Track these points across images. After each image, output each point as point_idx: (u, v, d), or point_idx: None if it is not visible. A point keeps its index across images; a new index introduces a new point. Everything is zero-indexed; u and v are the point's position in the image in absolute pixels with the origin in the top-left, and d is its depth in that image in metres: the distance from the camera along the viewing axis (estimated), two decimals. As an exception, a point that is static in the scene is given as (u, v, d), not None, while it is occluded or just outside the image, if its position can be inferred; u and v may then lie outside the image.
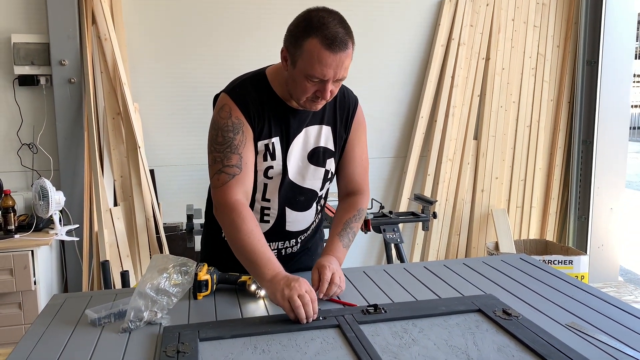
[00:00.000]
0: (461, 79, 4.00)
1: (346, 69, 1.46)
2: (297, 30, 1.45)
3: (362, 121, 1.73)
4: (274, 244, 1.72)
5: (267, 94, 1.57)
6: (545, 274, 1.75)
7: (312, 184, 1.66)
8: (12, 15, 3.27)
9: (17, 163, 3.38)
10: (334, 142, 1.66)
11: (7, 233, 2.92)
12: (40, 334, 1.35)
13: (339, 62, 1.42)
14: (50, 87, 3.33)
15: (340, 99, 1.67)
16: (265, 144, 1.57)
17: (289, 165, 1.61)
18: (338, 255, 1.60)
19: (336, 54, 1.41)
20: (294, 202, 1.66)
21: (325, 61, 1.40)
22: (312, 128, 1.62)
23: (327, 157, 1.65)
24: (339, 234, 1.65)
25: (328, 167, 1.66)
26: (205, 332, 1.29)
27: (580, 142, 4.21)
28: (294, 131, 1.60)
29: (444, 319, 1.37)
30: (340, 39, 1.41)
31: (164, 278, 1.40)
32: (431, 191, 4.06)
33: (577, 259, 3.75)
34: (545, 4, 4.10)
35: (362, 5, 3.82)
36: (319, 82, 1.44)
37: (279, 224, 1.68)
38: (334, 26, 1.41)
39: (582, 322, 1.36)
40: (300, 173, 1.63)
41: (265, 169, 1.59)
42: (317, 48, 1.40)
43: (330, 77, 1.43)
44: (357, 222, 1.69)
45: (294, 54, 1.45)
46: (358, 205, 1.71)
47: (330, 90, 1.47)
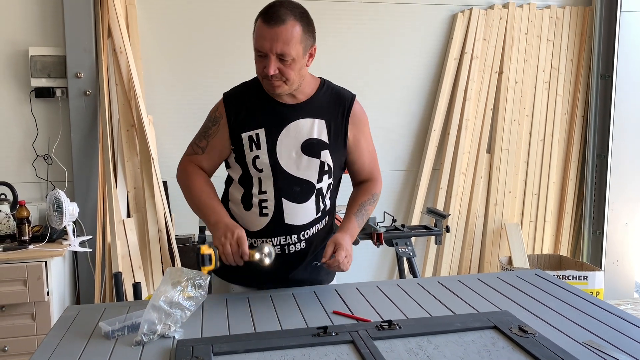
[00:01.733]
0: (474, 92, 3.99)
1: (287, 44, 1.56)
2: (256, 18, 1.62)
3: (362, 116, 1.79)
4: (275, 239, 1.73)
5: (257, 92, 1.72)
6: (561, 290, 1.73)
7: (307, 174, 1.70)
8: (30, 29, 3.32)
9: (32, 174, 3.41)
10: (328, 135, 1.71)
11: (22, 244, 2.94)
12: (55, 345, 1.36)
13: (275, 35, 1.55)
14: (65, 100, 3.37)
15: (335, 96, 1.76)
16: (249, 135, 1.69)
17: (280, 155, 1.68)
18: (353, 233, 1.73)
19: (271, 27, 1.55)
20: (290, 193, 1.71)
21: (262, 34, 1.57)
22: (305, 120, 1.70)
23: (322, 149, 1.71)
24: (355, 213, 1.77)
25: (323, 158, 1.71)
26: (219, 346, 1.29)
27: (595, 156, 4.18)
28: (282, 122, 1.69)
29: (459, 336, 1.36)
30: (278, 15, 1.56)
31: (177, 291, 1.40)
32: (444, 205, 4.04)
33: (592, 274, 3.70)
34: (559, 18, 4.09)
35: (375, 18, 3.84)
36: (263, 57, 1.59)
37: (278, 217, 1.71)
38: (277, 6, 1.58)
39: (600, 341, 1.34)
40: (294, 163, 1.69)
41: (253, 159, 1.69)
42: (259, 24, 1.59)
43: (267, 50, 1.56)
44: (371, 205, 1.81)
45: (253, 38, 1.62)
46: (372, 190, 1.83)
47: (277, 68, 1.57)
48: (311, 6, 3.75)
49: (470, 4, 3.95)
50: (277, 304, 1.62)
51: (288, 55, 1.57)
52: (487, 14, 3.95)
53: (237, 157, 1.72)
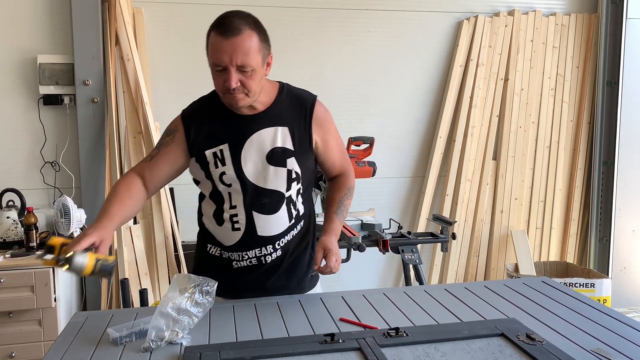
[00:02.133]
0: (480, 99, 3.99)
1: (246, 55, 1.53)
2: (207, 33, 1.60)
3: (325, 115, 1.77)
4: (251, 252, 1.71)
5: (216, 107, 1.70)
6: (569, 298, 1.72)
7: (275, 184, 1.68)
8: (39, 37, 3.35)
9: (40, 181, 3.43)
10: (292, 142, 1.69)
11: (29, 250, 2.96)
12: (63, 351, 1.37)
13: (233, 47, 1.52)
14: (73, 107, 3.39)
15: (295, 100, 1.73)
16: (213, 152, 1.67)
17: (246, 168, 1.66)
18: (337, 232, 1.76)
19: (228, 39, 1.52)
20: (260, 205, 1.68)
21: (219, 47, 1.53)
22: (267, 130, 1.67)
23: (287, 156, 1.68)
24: (336, 211, 1.79)
25: (290, 166, 1.69)
26: (227, 353, 1.29)
27: (601, 163, 4.17)
28: (244, 135, 1.67)
29: (467, 343, 1.36)
30: (233, 26, 1.53)
31: (185, 298, 1.41)
32: (450, 212, 4.03)
33: (599, 282, 3.69)
34: (564, 25, 4.10)
35: (380, 26, 3.85)
36: (222, 71, 1.55)
37: (250, 230, 1.69)
38: (230, 17, 1.55)
39: (608, 349, 1.34)
40: (261, 175, 1.67)
41: (220, 175, 1.67)
42: (213, 37, 1.56)
43: (227, 62, 1.53)
44: (348, 199, 1.84)
45: (207, 53, 1.60)
46: (347, 184, 1.85)
47: (238, 80, 1.55)
48: (317, 14, 3.81)
49: (475, 12, 3.96)
50: (284, 311, 1.62)
51: (248, 66, 1.54)
52: (492, 21, 3.96)
53: (206, 174, 1.70)
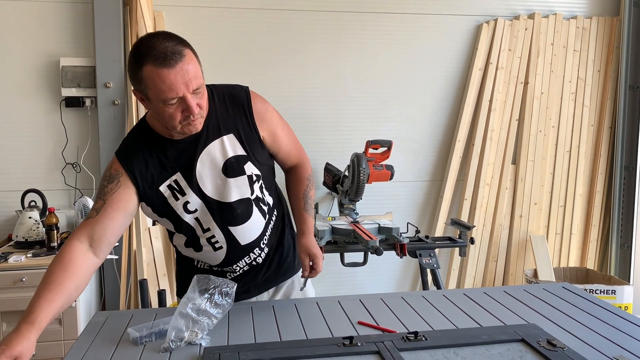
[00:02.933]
0: (499, 103, 3.96)
1: (196, 77, 1.42)
2: (132, 66, 1.41)
3: (265, 108, 1.66)
4: (240, 262, 1.70)
5: (151, 139, 1.57)
6: (590, 304, 1.70)
7: (239, 194, 1.61)
8: (62, 40, 3.40)
9: (61, 181, 3.48)
10: (242, 146, 1.60)
11: (50, 250, 3.00)
12: (84, 350, 1.38)
13: (183, 73, 1.38)
14: (94, 109, 3.44)
15: (230, 101, 1.62)
16: (168, 185, 1.57)
17: (206, 189, 1.58)
18: (311, 229, 1.75)
19: (174, 67, 1.37)
20: (232, 219, 1.62)
21: (168, 80, 1.37)
22: (213, 144, 1.57)
23: (243, 163, 1.60)
24: (304, 208, 1.76)
25: (248, 172, 1.61)
26: (246, 354, 1.30)
27: (623, 168, 4.11)
28: (191, 157, 1.56)
29: (486, 348, 1.35)
30: (171, 51, 1.37)
31: (205, 299, 1.42)
32: (468, 216, 4.00)
33: (620, 288, 3.63)
34: (585, 29, 4.05)
35: (399, 29, 3.84)
36: (177, 101, 1.41)
37: (232, 244, 1.66)
38: (160, 43, 1.37)
39: (630, 356, 1.32)
40: (223, 190, 1.59)
41: (183, 205, 1.58)
42: (154, 71, 1.37)
43: (185, 92, 1.40)
44: (311, 189, 1.80)
45: (141, 89, 1.42)
46: (305, 173, 1.80)
47: (196, 104, 1.43)
48: (336, 17, 3.82)
49: (495, 15, 3.93)
50: (302, 313, 1.62)
51: (201, 85, 1.44)
52: (512, 24, 3.93)
53: (162, 212, 1.59)
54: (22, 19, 3.36)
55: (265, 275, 1.77)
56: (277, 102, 4.02)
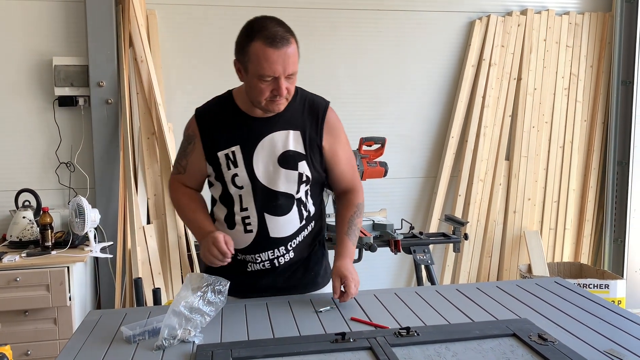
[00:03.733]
0: (492, 99, 3.97)
1: (294, 63, 1.55)
2: (242, 39, 1.57)
3: (336, 124, 1.77)
4: (264, 254, 1.72)
5: (229, 109, 1.71)
6: (582, 299, 1.71)
7: (286, 187, 1.69)
8: (54, 39, 3.40)
9: (55, 181, 3.47)
10: (304, 146, 1.70)
11: (45, 249, 3.00)
12: (78, 349, 1.38)
13: (285, 57, 1.52)
14: (88, 108, 3.43)
15: (310, 105, 1.73)
16: (225, 154, 1.69)
17: (257, 170, 1.67)
18: (351, 254, 1.74)
19: (280, 49, 1.51)
20: (271, 207, 1.69)
21: (271, 58, 1.51)
22: (280, 133, 1.68)
23: (298, 160, 1.69)
24: (347, 232, 1.76)
25: (301, 170, 1.69)
26: (238, 352, 1.30)
27: (616, 163, 4.13)
28: (256, 137, 1.68)
29: (478, 343, 1.36)
30: (281, 36, 1.52)
31: (198, 297, 1.42)
32: (462, 212, 4.02)
33: (614, 283, 3.65)
34: (577, 24, 4.07)
35: (392, 26, 3.85)
36: (272, 80, 1.54)
37: (262, 232, 1.70)
38: (273, 26, 1.53)
39: (621, 350, 1.33)
40: (272, 177, 1.68)
41: (232, 178, 1.68)
42: (262, 48, 1.51)
43: (280, 73, 1.53)
44: (358, 217, 1.80)
45: (244, 61, 1.57)
46: (355, 201, 1.81)
47: (285, 88, 1.56)
48: (330, 14, 3.82)
49: (488, 11, 3.94)
50: (295, 310, 1.63)
51: (295, 73, 1.57)
52: (505, 20, 3.94)
53: (217, 175, 1.71)
54: (14, 18, 3.35)
55: (286, 282, 1.78)
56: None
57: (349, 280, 1.62)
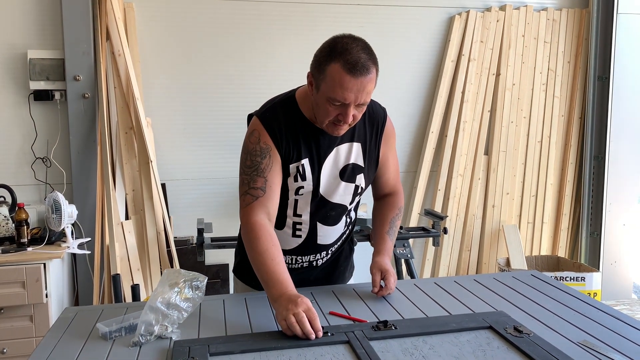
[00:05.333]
0: (471, 95, 4.00)
1: (368, 93, 1.49)
2: (322, 56, 1.50)
3: (392, 132, 1.78)
4: (305, 257, 1.75)
5: (296, 117, 1.61)
6: (557, 291, 1.73)
7: (342, 199, 1.69)
8: (29, 32, 3.33)
9: (31, 176, 3.42)
10: (363, 158, 1.69)
11: (20, 246, 2.95)
12: (52, 347, 1.36)
13: (360, 87, 1.45)
14: (64, 102, 3.38)
15: (370, 115, 1.70)
16: (296, 167, 1.61)
17: (322, 183, 1.64)
18: (390, 252, 1.75)
19: (357, 79, 1.44)
20: (325, 217, 1.70)
21: (346, 85, 1.44)
22: (343, 146, 1.65)
23: (357, 173, 1.69)
24: (387, 232, 1.77)
25: (358, 182, 1.69)
26: (216, 347, 1.30)
27: (592, 158, 4.19)
28: (324, 152, 1.63)
29: (455, 336, 1.37)
30: (362, 64, 1.45)
31: (175, 292, 1.41)
32: (442, 206, 4.05)
33: (590, 275, 3.71)
34: (555, 20, 4.11)
35: (372, 21, 3.85)
36: (340, 105, 1.48)
37: (311, 239, 1.72)
38: (357, 52, 1.46)
39: (595, 341, 1.35)
40: (331, 189, 1.66)
41: (297, 189, 1.64)
42: (339, 72, 1.44)
43: (352, 101, 1.47)
44: (399, 220, 1.83)
45: (318, 78, 1.50)
46: (398, 204, 1.84)
47: (352, 115, 1.50)
48: (308, 8, 3.81)
49: (467, 7, 3.96)
50: (274, 305, 1.62)
51: (366, 102, 1.51)
52: (484, 16, 3.97)
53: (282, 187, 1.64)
54: (-13, 10, 3.28)
55: (316, 276, 1.82)
56: (248, 95, 3.99)
57: (390, 274, 1.64)
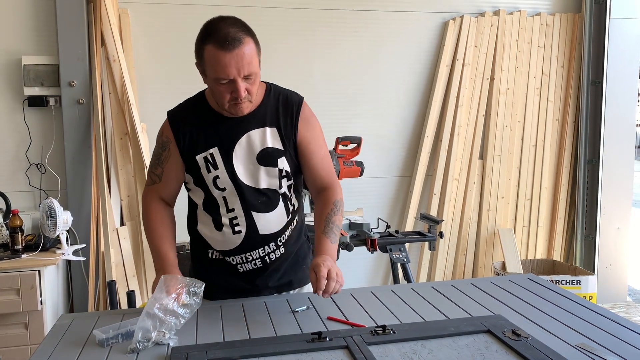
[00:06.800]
0: (466, 99, 4.02)
1: (249, 64, 1.52)
2: (197, 42, 1.58)
3: (311, 119, 1.75)
4: (255, 252, 1.71)
5: (202, 110, 1.69)
6: (554, 295, 1.74)
7: (268, 183, 1.68)
8: (23, 38, 3.32)
9: (25, 183, 3.40)
10: (281, 142, 1.68)
11: (15, 253, 2.93)
12: (49, 354, 1.35)
13: (238, 59, 1.50)
14: (59, 108, 3.37)
15: (283, 101, 1.71)
16: (204, 157, 1.66)
17: (238, 170, 1.65)
18: (330, 252, 1.63)
19: (232, 52, 1.49)
20: (258, 205, 1.68)
21: (223, 61, 1.50)
22: (256, 131, 1.66)
23: (278, 156, 1.68)
24: (324, 231, 1.68)
25: (281, 166, 1.68)
26: (214, 353, 1.29)
27: (586, 162, 4.21)
28: (234, 137, 1.65)
29: (453, 340, 1.37)
30: (232, 37, 1.49)
31: (172, 298, 1.40)
32: (437, 211, 4.05)
33: (585, 279, 3.73)
34: (549, 25, 4.14)
35: (367, 26, 3.86)
36: (228, 83, 1.53)
37: (252, 230, 1.68)
38: (225, 27, 1.51)
39: (592, 343, 1.35)
40: (254, 176, 1.67)
41: (213, 180, 1.66)
42: (213, 52, 1.51)
43: (235, 75, 1.51)
44: (336, 215, 1.72)
45: (201, 64, 1.58)
46: (332, 198, 1.74)
47: (245, 88, 1.54)
48: (303, 14, 3.81)
49: (461, 12, 3.98)
50: (271, 310, 1.62)
51: (253, 73, 1.54)
52: (478, 21, 3.99)
53: (196, 180, 1.68)
54: (-19, 16, 3.27)
55: (280, 279, 1.78)
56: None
57: (320, 267, 1.51)
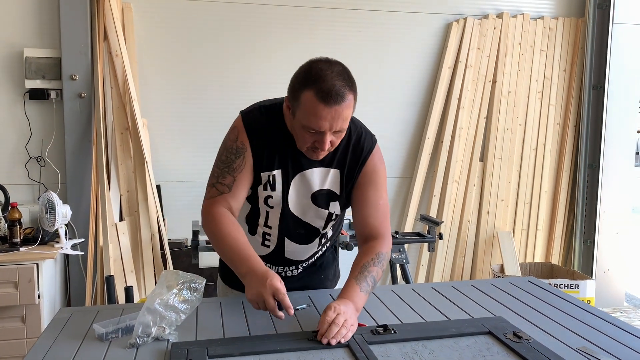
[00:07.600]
0: (468, 101, 4.01)
1: (344, 120, 1.45)
2: (296, 82, 1.47)
3: (377, 167, 1.66)
4: (274, 267, 1.74)
5: (278, 126, 1.58)
6: (555, 297, 1.73)
7: (313, 221, 1.66)
8: (25, 30, 3.31)
9: (25, 176, 3.39)
10: (340, 185, 1.63)
11: (13, 246, 2.92)
12: (47, 348, 1.35)
13: (335, 115, 1.42)
14: (60, 101, 3.36)
15: (355, 144, 1.62)
16: (267, 175, 1.59)
17: (291, 198, 1.62)
18: (355, 299, 1.45)
19: (331, 107, 1.40)
20: (294, 234, 1.67)
21: (320, 114, 1.41)
22: (319, 170, 1.61)
23: (331, 200, 1.64)
24: (356, 277, 1.52)
25: (332, 210, 1.65)
26: (214, 349, 1.28)
27: (587, 166, 4.21)
28: (298, 167, 1.60)
29: (454, 341, 1.36)
30: (336, 92, 1.40)
31: (173, 294, 1.40)
32: (437, 212, 4.05)
33: (583, 283, 3.73)
34: (552, 29, 4.13)
35: (370, 27, 3.86)
36: (316, 133, 1.46)
37: (279, 251, 1.70)
38: (331, 79, 1.41)
39: (593, 347, 1.35)
40: (303, 210, 1.64)
41: (265, 198, 1.62)
42: (312, 101, 1.41)
43: (326, 129, 1.44)
44: (376, 266, 1.56)
45: (294, 104, 1.48)
46: (376, 249, 1.59)
47: (329, 141, 1.48)
48: (305, 13, 3.81)
49: (464, 14, 3.98)
50: (271, 308, 1.61)
51: (343, 129, 1.48)
52: (481, 23, 3.99)
53: (251, 195, 1.63)
54: (-17, 8, 3.26)
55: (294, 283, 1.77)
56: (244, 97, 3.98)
57: (330, 310, 1.37)
